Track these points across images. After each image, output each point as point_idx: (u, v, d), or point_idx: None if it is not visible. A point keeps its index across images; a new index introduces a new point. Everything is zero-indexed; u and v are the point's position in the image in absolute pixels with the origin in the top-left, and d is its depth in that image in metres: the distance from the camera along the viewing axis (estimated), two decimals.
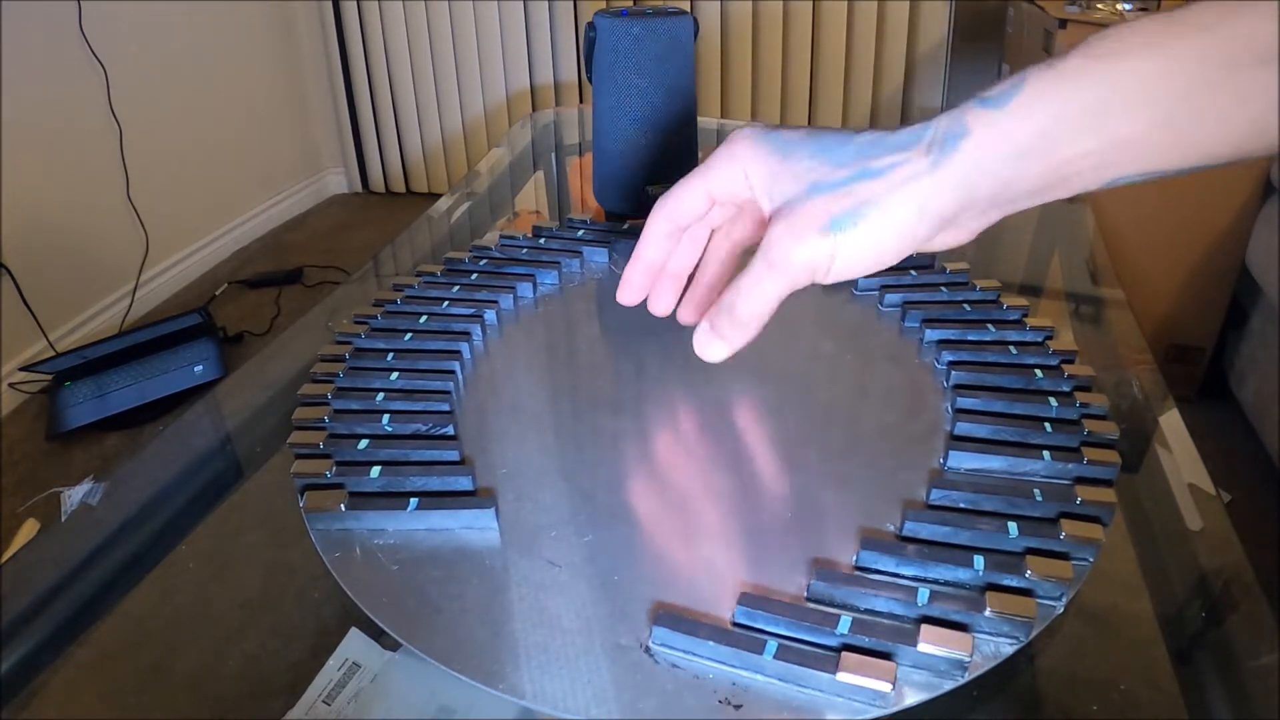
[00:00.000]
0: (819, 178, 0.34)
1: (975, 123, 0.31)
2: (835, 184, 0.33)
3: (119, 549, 0.42)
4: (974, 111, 0.31)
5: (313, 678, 0.34)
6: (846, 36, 2.44)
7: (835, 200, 0.33)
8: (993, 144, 0.31)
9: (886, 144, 0.33)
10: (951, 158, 0.31)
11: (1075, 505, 0.37)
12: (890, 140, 0.33)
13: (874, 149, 0.33)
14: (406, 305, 0.57)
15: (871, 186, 0.32)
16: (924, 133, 0.32)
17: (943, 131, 0.32)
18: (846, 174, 0.33)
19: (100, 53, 1.98)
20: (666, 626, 0.32)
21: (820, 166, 0.34)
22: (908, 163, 0.32)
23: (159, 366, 1.79)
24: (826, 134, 0.35)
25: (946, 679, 0.31)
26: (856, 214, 0.32)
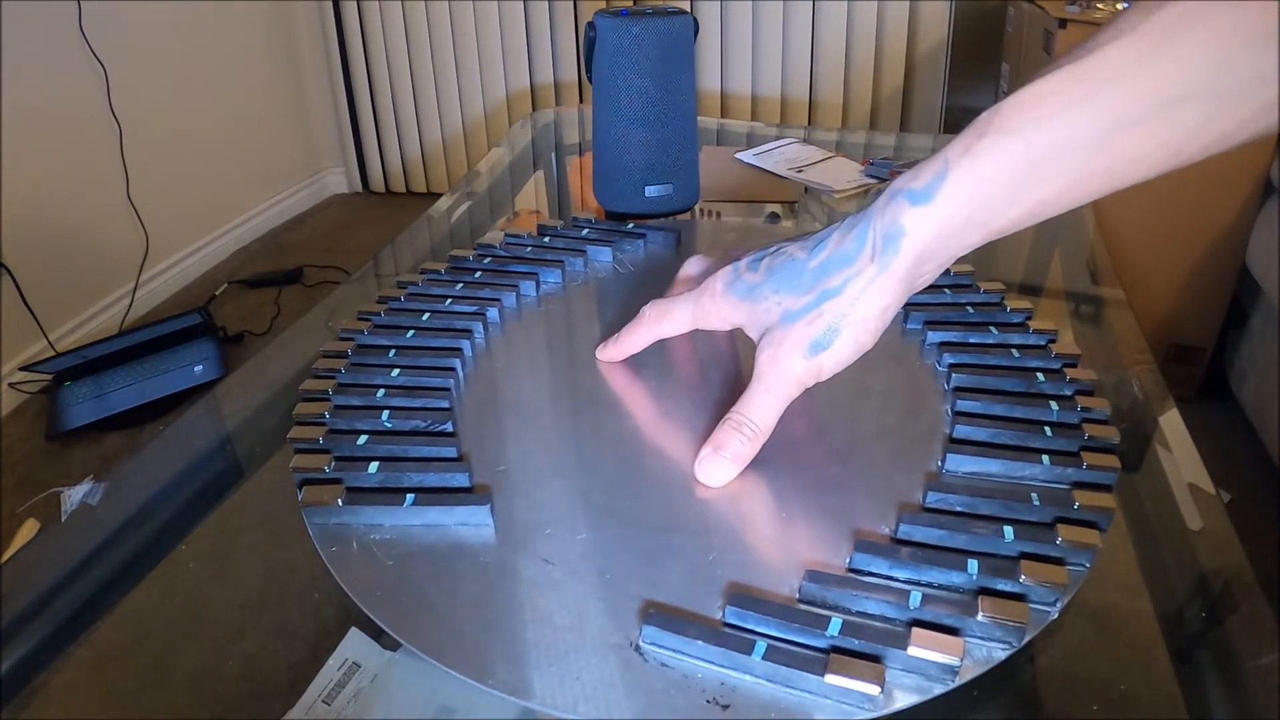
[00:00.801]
0: (787, 308, 0.39)
1: (909, 221, 0.35)
2: (803, 310, 0.38)
3: (119, 549, 0.42)
4: (906, 211, 0.35)
5: (313, 678, 0.34)
6: (846, 36, 2.44)
7: (808, 326, 0.38)
8: (927, 235, 0.35)
9: (835, 262, 0.37)
10: (894, 259, 0.36)
11: (1073, 510, 0.37)
12: (836, 257, 0.37)
13: (826, 270, 0.38)
14: (410, 302, 0.57)
15: (835, 305, 0.37)
16: (863, 237, 0.36)
17: (881, 236, 0.36)
18: (810, 299, 0.38)
19: (100, 52, 1.98)
20: (656, 625, 0.32)
21: (785, 298, 0.39)
22: (859, 275, 0.37)
23: (159, 366, 1.79)
24: (781, 266, 0.39)
25: (936, 683, 0.31)
26: (830, 332, 0.38)
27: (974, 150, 0.33)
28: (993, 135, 0.32)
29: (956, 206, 0.33)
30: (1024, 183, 0.32)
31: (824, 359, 0.38)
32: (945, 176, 0.33)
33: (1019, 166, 0.32)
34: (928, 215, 0.34)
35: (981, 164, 0.33)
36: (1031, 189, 0.33)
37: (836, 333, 0.37)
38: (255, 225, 2.63)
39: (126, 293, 2.12)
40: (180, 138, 2.29)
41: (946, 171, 0.33)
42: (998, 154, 0.32)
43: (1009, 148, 0.32)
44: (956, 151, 0.33)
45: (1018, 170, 0.32)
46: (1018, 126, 0.32)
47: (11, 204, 1.77)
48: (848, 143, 1.03)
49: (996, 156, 0.32)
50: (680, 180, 0.73)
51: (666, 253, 0.66)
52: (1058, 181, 0.32)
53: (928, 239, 0.35)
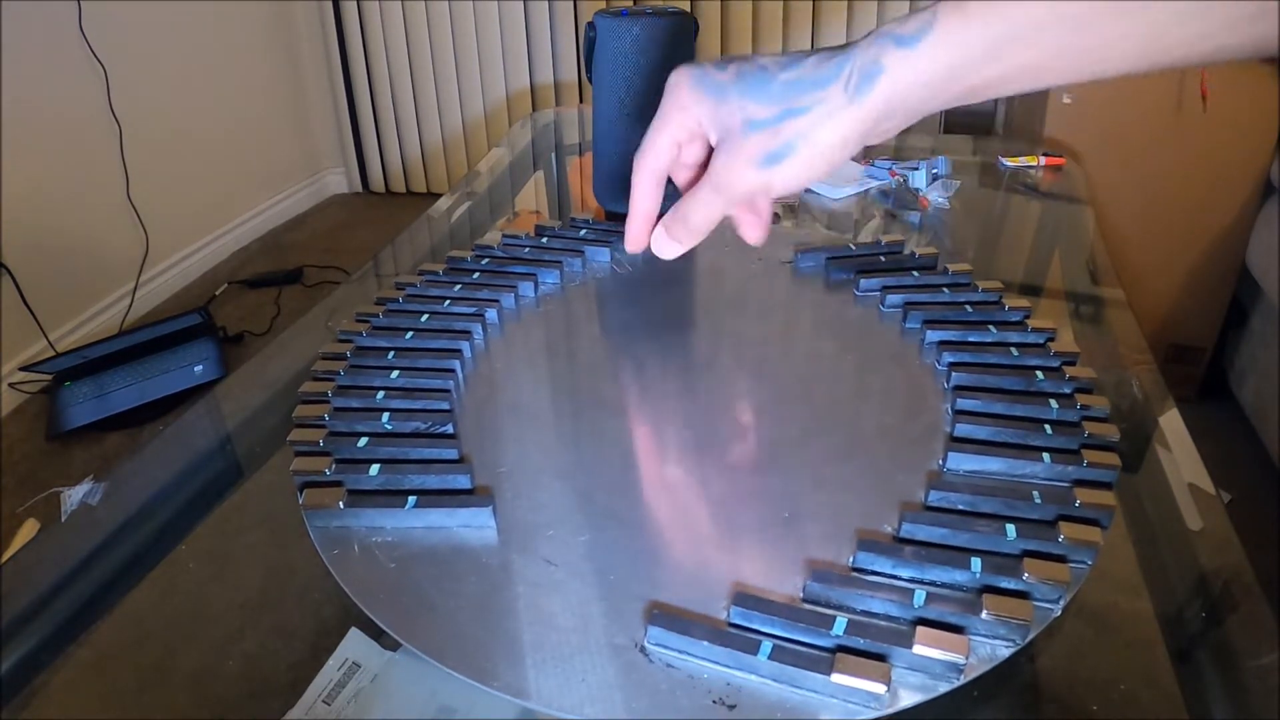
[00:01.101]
0: (750, 115, 0.39)
1: (890, 61, 0.35)
2: (765, 122, 0.38)
3: (119, 549, 0.42)
4: (889, 51, 0.35)
5: (313, 678, 0.34)
6: (846, 36, 2.44)
7: (767, 138, 0.38)
8: (906, 79, 0.35)
9: (806, 83, 0.37)
10: (868, 94, 0.36)
11: (1074, 508, 0.37)
12: (810, 79, 0.37)
13: (796, 88, 0.37)
14: (408, 304, 0.57)
15: (797, 124, 0.37)
16: (840, 68, 0.36)
17: (859, 69, 0.36)
18: (774, 111, 0.38)
19: (100, 53, 1.97)
20: (661, 626, 0.32)
21: (749, 104, 0.39)
22: (828, 99, 0.37)
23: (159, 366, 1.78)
24: (751, 73, 0.39)
25: (942, 681, 0.31)
26: (787, 148, 0.38)
27: (965, 8, 0.34)
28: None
29: (939, 56, 0.34)
30: (1006, 45, 0.34)
31: (774, 174, 0.39)
32: (933, 25, 0.34)
33: (1005, 27, 0.33)
34: (909, 60, 0.35)
35: (970, 20, 0.34)
36: (1012, 53, 0.34)
37: (792, 149, 0.38)
38: (255, 225, 2.63)
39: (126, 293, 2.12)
40: (180, 138, 2.29)
41: (935, 20, 0.34)
42: (987, 14, 0.33)
43: (998, 9, 0.33)
44: (948, 5, 0.34)
45: (1002, 33, 0.33)
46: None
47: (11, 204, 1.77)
48: None
49: (986, 15, 0.34)
50: None
51: None
52: (1037, 51, 0.34)
53: (905, 83, 0.35)
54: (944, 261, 0.60)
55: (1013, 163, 0.90)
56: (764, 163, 0.39)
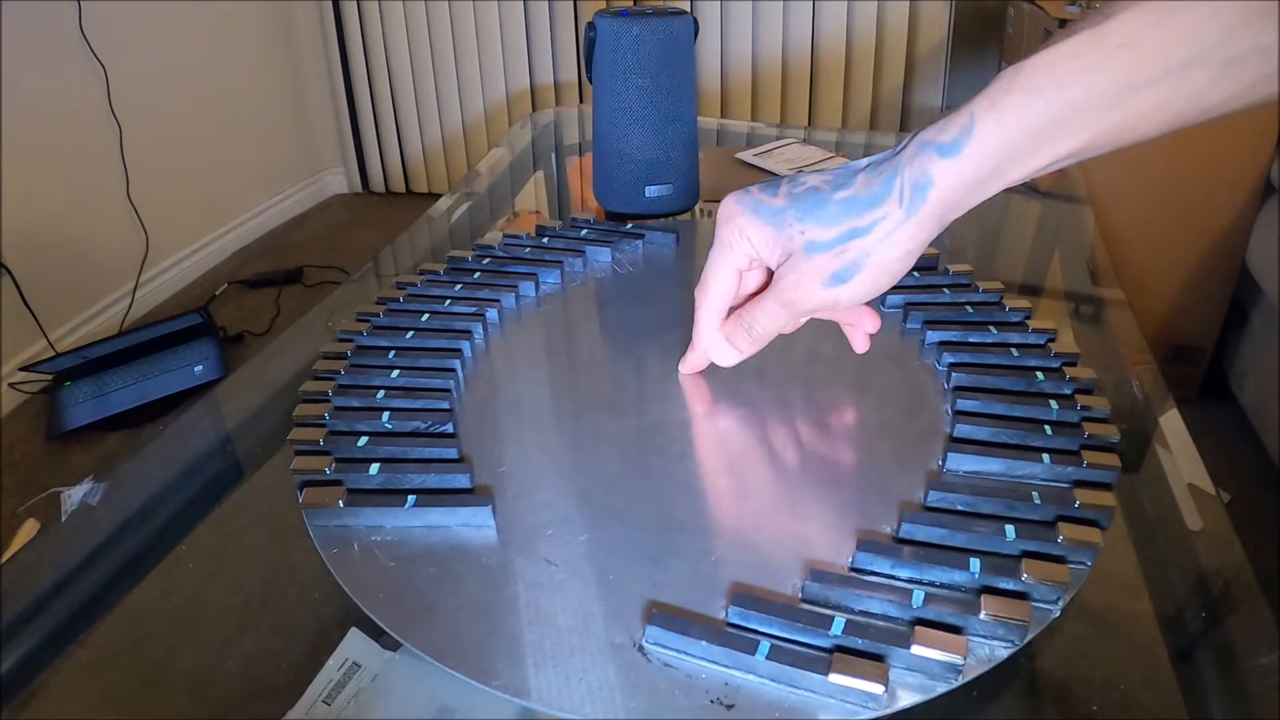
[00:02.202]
0: (812, 238, 0.40)
1: (937, 172, 0.36)
2: (828, 244, 0.39)
3: (119, 549, 0.42)
4: (935, 161, 0.36)
5: (313, 678, 0.34)
6: (846, 36, 2.44)
7: (831, 259, 0.39)
8: (954, 186, 0.36)
9: (862, 201, 0.38)
10: (922, 207, 0.37)
11: (1074, 509, 0.37)
12: (865, 197, 0.38)
13: (854, 207, 0.39)
14: (409, 303, 0.57)
15: (862, 244, 0.39)
16: (891, 183, 0.38)
17: (909, 182, 0.37)
18: (836, 233, 0.39)
19: (100, 53, 1.97)
20: (660, 626, 0.32)
21: (810, 227, 0.40)
22: (887, 217, 0.38)
23: (159, 366, 1.78)
24: (804, 195, 0.40)
25: (940, 682, 0.31)
26: (853, 268, 0.39)
27: (1000, 105, 0.35)
28: (1018, 94, 0.34)
29: (982, 159, 0.35)
30: (1044, 138, 0.34)
31: (841, 292, 0.40)
32: (972, 131, 0.35)
33: (1040, 123, 0.34)
34: (955, 167, 0.36)
35: (1006, 119, 0.35)
36: (1051, 143, 0.35)
37: (858, 269, 0.39)
38: (255, 225, 2.63)
39: (126, 293, 2.12)
40: (180, 138, 2.29)
41: (973, 126, 0.35)
42: (1021, 111, 0.34)
43: (1032, 105, 0.34)
44: (983, 106, 0.35)
45: (1039, 126, 0.34)
46: (1040, 86, 0.34)
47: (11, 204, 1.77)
48: (848, 143, 1.03)
49: (1020, 113, 0.34)
50: (680, 180, 0.73)
51: (666, 253, 0.66)
52: (1075, 137, 0.34)
53: (954, 189, 0.37)
54: (945, 262, 0.60)
55: None
56: (830, 282, 0.40)
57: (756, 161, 0.89)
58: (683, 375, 0.49)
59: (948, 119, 0.36)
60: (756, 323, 0.44)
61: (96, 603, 0.39)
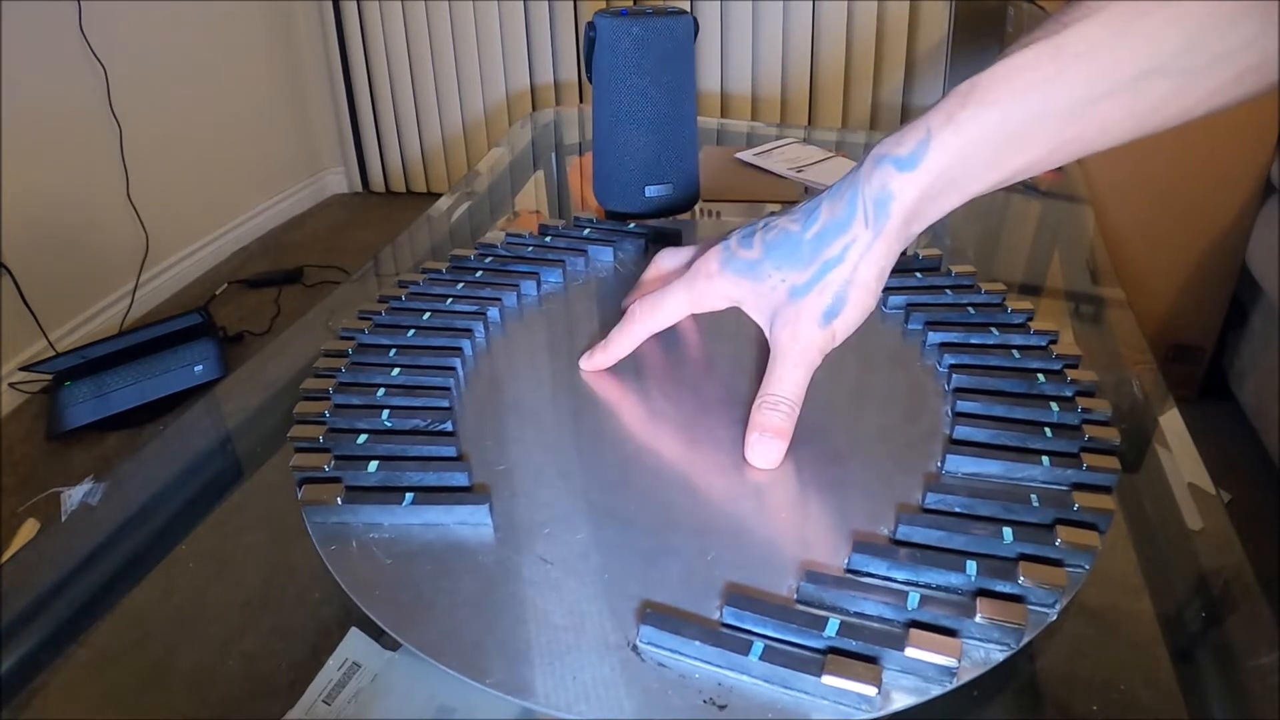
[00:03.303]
0: (793, 284, 0.40)
1: (895, 186, 0.36)
2: (809, 284, 0.40)
3: (119, 549, 0.42)
4: (893, 176, 0.36)
5: (313, 678, 0.34)
6: (846, 36, 2.44)
7: (817, 297, 0.40)
8: (912, 198, 0.36)
9: (831, 231, 0.39)
10: (885, 223, 0.37)
11: (1072, 512, 0.37)
12: (832, 226, 0.39)
13: (824, 240, 0.39)
14: (410, 302, 0.57)
15: (839, 273, 0.39)
16: (854, 204, 0.38)
17: (871, 201, 0.37)
18: (814, 271, 0.39)
19: (100, 52, 1.97)
20: (654, 625, 0.32)
21: (789, 274, 0.40)
22: (856, 241, 0.38)
23: (159, 366, 1.78)
24: (776, 241, 0.41)
25: (934, 684, 0.31)
26: (839, 300, 0.39)
27: (956, 119, 0.34)
28: (974, 106, 0.34)
29: (939, 172, 0.35)
30: (1002, 149, 0.34)
31: (836, 325, 0.40)
32: (929, 144, 0.35)
33: (998, 135, 0.34)
34: (914, 180, 0.36)
35: (963, 132, 0.34)
36: (1009, 155, 0.35)
37: (844, 300, 0.39)
38: (255, 225, 2.63)
39: (126, 293, 2.12)
40: (180, 138, 2.29)
41: (930, 139, 0.35)
42: (978, 124, 0.34)
43: (988, 118, 0.34)
44: (939, 120, 0.35)
45: (997, 138, 0.34)
46: (996, 99, 0.34)
47: (11, 204, 1.77)
48: (848, 143, 1.03)
49: (976, 126, 0.34)
50: (680, 180, 0.73)
51: None
52: (1034, 149, 0.34)
53: (913, 202, 0.37)
54: (947, 263, 0.60)
55: None
56: (824, 320, 0.40)
57: (756, 161, 0.89)
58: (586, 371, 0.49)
59: (904, 132, 0.36)
60: (784, 394, 0.41)
61: (96, 603, 0.39)
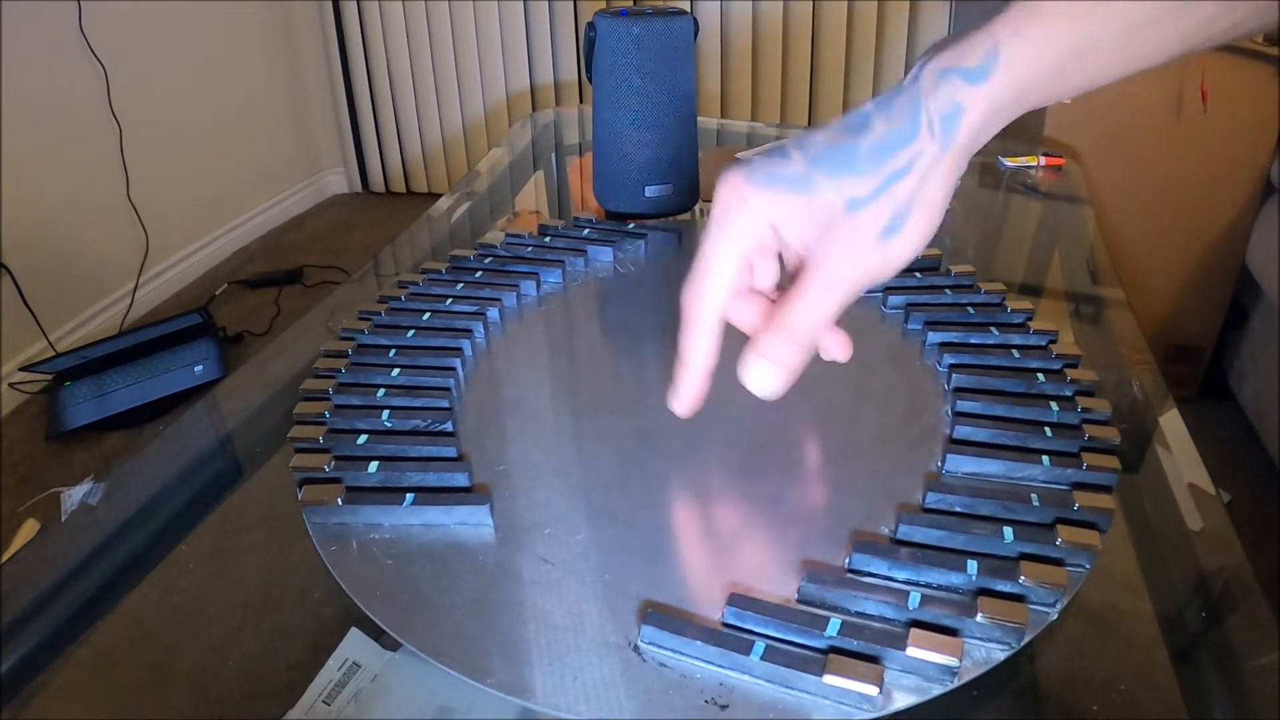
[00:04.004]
0: (851, 194, 0.34)
1: (967, 99, 0.34)
2: (873, 195, 0.34)
3: (119, 549, 0.42)
4: (962, 89, 0.34)
5: (313, 678, 0.34)
6: (846, 36, 2.44)
7: (878, 210, 0.34)
8: (982, 112, 0.34)
9: (893, 142, 0.34)
10: (956, 137, 0.34)
11: (1073, 511, 0.37)
12: (894, 137, 0.34)
13: (886, 150, 0.34)
14: (410, 302, 0.57)
15: (905, 185, 0.34)
16: (917, 117, 0.34)
17: (938, 114, 0.34)
18: (877, 182, 0.34)
19: (100, 53, 1.97)
20: (655, 625, 0.32)
21: (846, 183, 0.35)
22: (924, 153, 0.34)
23: (159, 366, 1.78)
24: (827, 153, 0.35)
25: (935, 684, 0.31)
26: (904, 215, 0.34)
27: (1024, 32, 0.33)
28: (1040, 20, 0.33)
29: (1009, 84, 0.34)
30: (1068, 66, 0.34)
31: (894, 246, 0.35)
32: (997, 57, 0.33)
33: (1064, 51, 0.33)
34: (984, 94, 0.34)
35: (1032, 46, 0.33)
36: (1073, 73, 0.34)
37: (906, 216, 0.34)
38: (255, 225, 2.63)
39: (126, 293, 2.12)
40: (180, 138, 2.29)
41: (998, 51, 0.33)
42: (1046, 39, 0.33)
43: (1055, 34, 0.33)
44: (1007, 32, 0.33)
45: (1064, 54, 0.33)
46: (1062, 14, 0.33)
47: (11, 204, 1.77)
48: None
49: (1045, 41, 0.33)
50: (680, 180, 0.73)
51: (667, 253, 0.66)
52: (1094, 68, 0.34)
53: (982, 116, 0.34)
54: (947, 263, 0.60)
55: (1013, 163, 0.90)
56: (883, 236, 0.34)
57: None
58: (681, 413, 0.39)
59: (963, 44, 0.34)
60: (801, 322, 0.35)
61: (96, 603, 0.39)
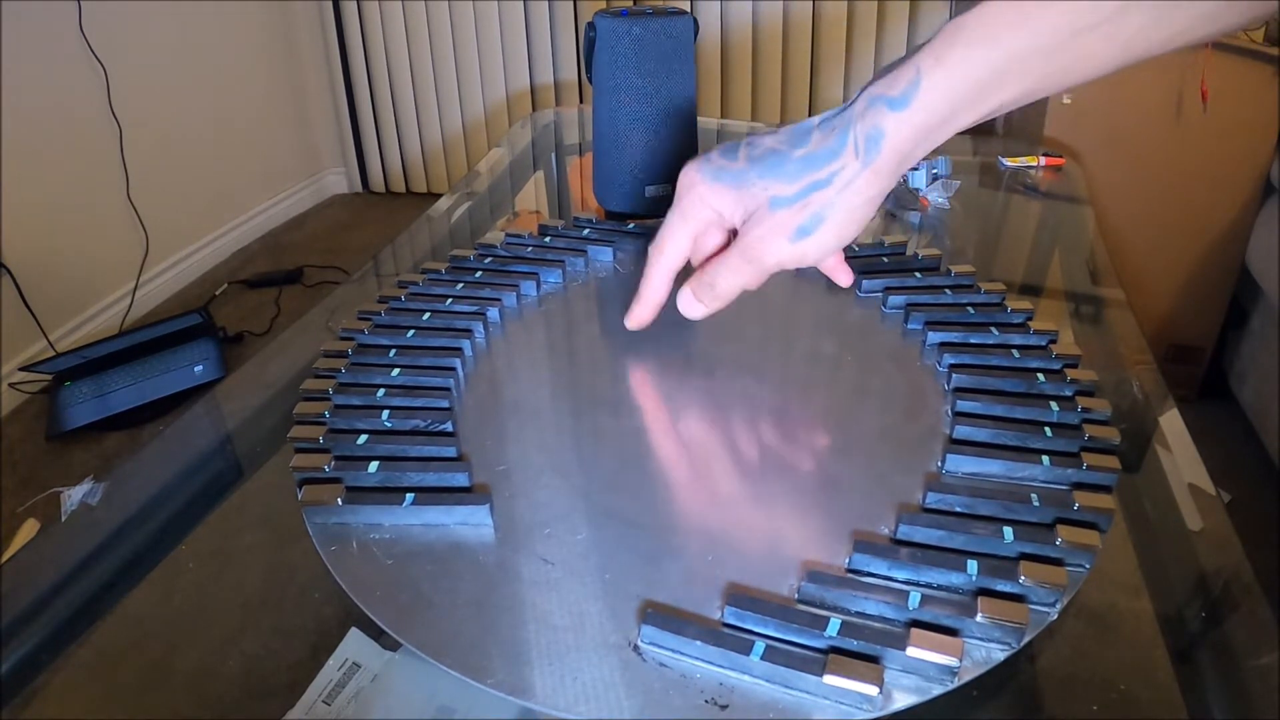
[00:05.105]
0: (775, 194, 0.41)
1: (888, 124, 0.38)
2: (791, 199, 0.40)
3: (119, 549, 0.42)
4: (885, 115, 0.38)
5: (313, 678, 0.34)
6: (846, 36, 2.44)
7: (794, 213, 0.41)
8: (905, 136, 0.38)
9: (821, 156, 0.40)
10: (877, 157, 0.38)
11: (1073, 511, 0.37)
12: (822, 152, 0.40)
13: (812, 163, 0.40)
14: (410, 302, 0.57)
15: (823, 195, 0.40)
16: (845, 137, 0.39)
17: (863, 137, 0.38)
18: (799, 188, 0.40)
19: (100, 53, 1.97)
20: (655, 625, 0.32)
21: (772, 183, 0.41)
22: (845, 168, 0.39)
23: (159, 366, 1.78)
24: (764, 156, 0.42)
25: (935, 684, 0.31)
26: (816, 220, 0.40)
27: (945, 60, 0.36)
28: (962, 47, 0.36)
29: (930, 110, 0.37)
30: (988, 86, 0.36)
31: (807, 245, 0.41)
32: (919, 84, 0.37)
33: (985, 72, 0.36)
34: (905, 119, 0.37)
35: (952, 72, 0.36)
36: (995, 91, 0.36)
37: (821, 220, 0.40)
38: (255, 225, 2.63)
39: (126, 293, 2.12)
40: (180, 138, 2.29)
41: (920, 79, 0.37)
42: (966, 64, 0.36)
43: (975, 57, 0.35)
44: (929, 62, 0.36)
45: (984, 75, 0.36)
46: (981, 38, 0.35)
47: (11, 204, 1.77)
48: None
49: (964, 66, 0.36)
50: None
51: None
52: (1018, 83, 0.36)
53: (905, 139, 0.38)
54: (947, 263, 0.60)
55: (1013, 163, 0.90)
56: (796, 236, 0.41)
57: None
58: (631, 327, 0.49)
59: (895, 73, 0.38)
60: (720, 279, 0.44)
61: (96, 603, 0.39)
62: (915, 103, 0.37)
